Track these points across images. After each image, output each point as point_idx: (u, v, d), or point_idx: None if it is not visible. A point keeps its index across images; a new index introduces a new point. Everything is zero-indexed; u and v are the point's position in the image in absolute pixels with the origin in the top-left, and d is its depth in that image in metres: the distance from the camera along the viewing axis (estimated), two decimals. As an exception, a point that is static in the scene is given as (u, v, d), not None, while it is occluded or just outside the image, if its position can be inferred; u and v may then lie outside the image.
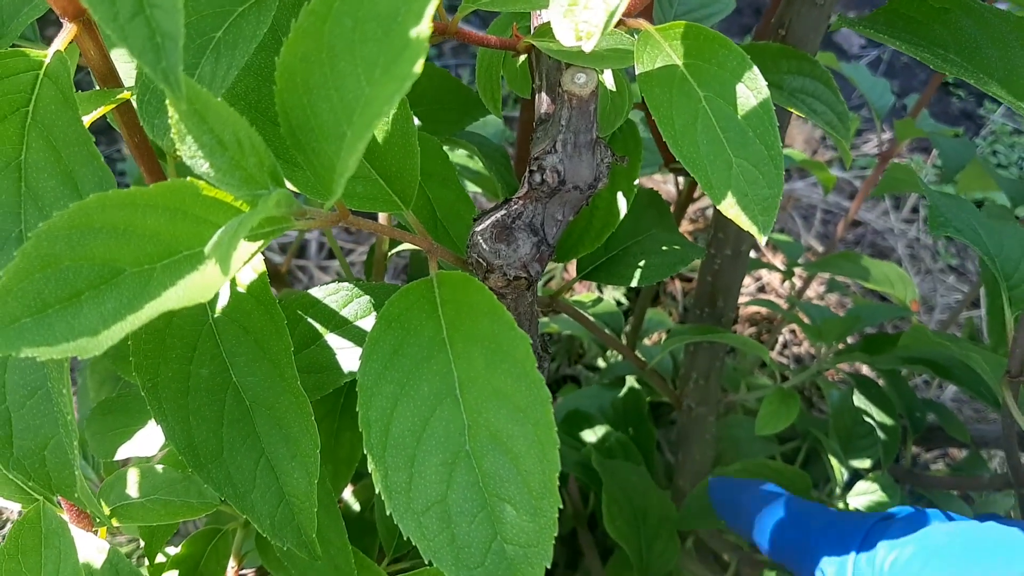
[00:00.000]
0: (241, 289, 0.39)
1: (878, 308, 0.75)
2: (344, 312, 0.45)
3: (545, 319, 1.03)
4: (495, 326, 0.34)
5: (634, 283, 0.54)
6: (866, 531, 0.48)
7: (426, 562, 0.32)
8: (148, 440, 0.47)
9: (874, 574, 0.45)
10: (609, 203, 0.51)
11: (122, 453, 0.47)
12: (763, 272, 1.32)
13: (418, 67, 0.26)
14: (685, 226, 1.35)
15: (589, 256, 0.55)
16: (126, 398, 0.48)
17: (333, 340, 0.44)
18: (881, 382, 0.81)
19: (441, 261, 0.41)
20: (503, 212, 0.41)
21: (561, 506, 0.31)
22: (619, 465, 0.72)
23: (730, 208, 0.35)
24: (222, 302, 0.40)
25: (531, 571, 0.32)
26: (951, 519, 0.49)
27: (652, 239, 0.56)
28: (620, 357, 1.08)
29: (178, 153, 0.28)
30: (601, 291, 1.25)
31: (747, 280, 1.33)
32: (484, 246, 0.40)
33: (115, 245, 0.29)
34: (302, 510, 0.38)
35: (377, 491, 0.32)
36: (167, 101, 0.27)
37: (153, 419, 0.38)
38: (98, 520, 0.40)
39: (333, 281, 0.45)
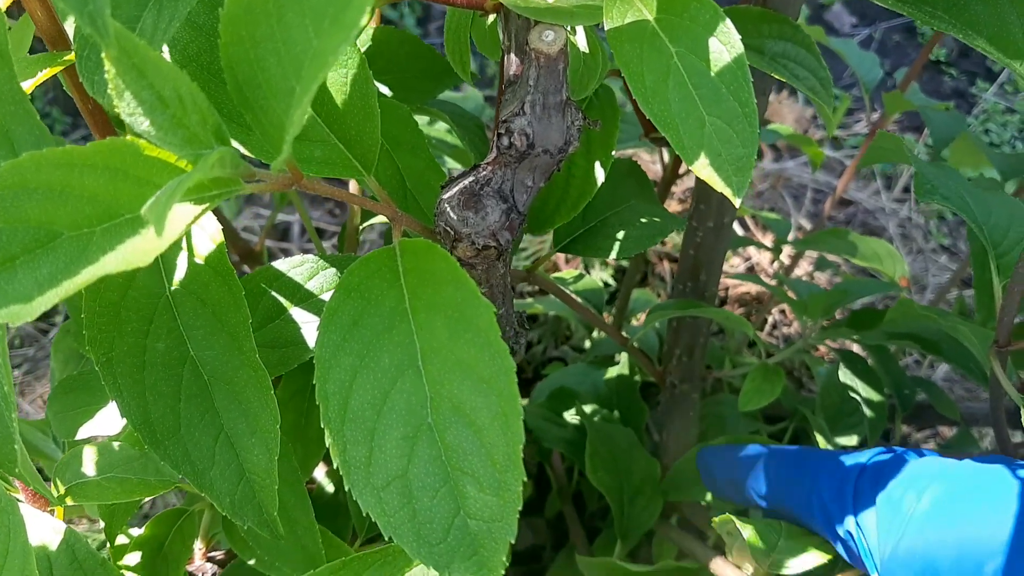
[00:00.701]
0: (199, 260, 0.38)
1: (865, 283, 0.74)
2: (309, 285, 0.43)
3: (530, 300, 1.02)
4: (458, 294, 0.32)
5: (613, 255, 0.53)
6: (860, 468, 0.47)
7: (386, 539, 0.31)
8: (110, 419, 0.45)
9: (878, 499, 0.45)
10: (586, 172, 0.50)
11: (84, 432, 0.45)
12: (753, 253, 1.31)
13: (366, 16, 0.24)
14: (673, 206, 1.33)
15: (566, 228, 0.54)
16: (87, 376, 0.46)
17: (298, 314, 0.43)
18: (870, 360, 0.80)
19: (407, 230, 0.39)
20: (471, 179, 0.39)
21: (525, 478, 0.30)
22: (605, 425, 0.72)
23: (703, 169, 0.33)
24: (179, 274, 0.38)
25: (495, 547, 0.30)
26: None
27: (631, 210, 0.55)
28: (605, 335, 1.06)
29: (116, 110, 0.27)
30: (588, 271, 1.23)
31: (736, 260, 1.32)
32: (451, 214, 0.39)
33: (52, 207, 0.27)
34: (263, 487, 0.37)
35: (335, 466, 0.31)
36: (103, 54, 0.26)
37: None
38: (55, 498, 0.39)
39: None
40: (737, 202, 0.33)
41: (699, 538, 0.72)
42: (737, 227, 1.37)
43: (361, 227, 0.54)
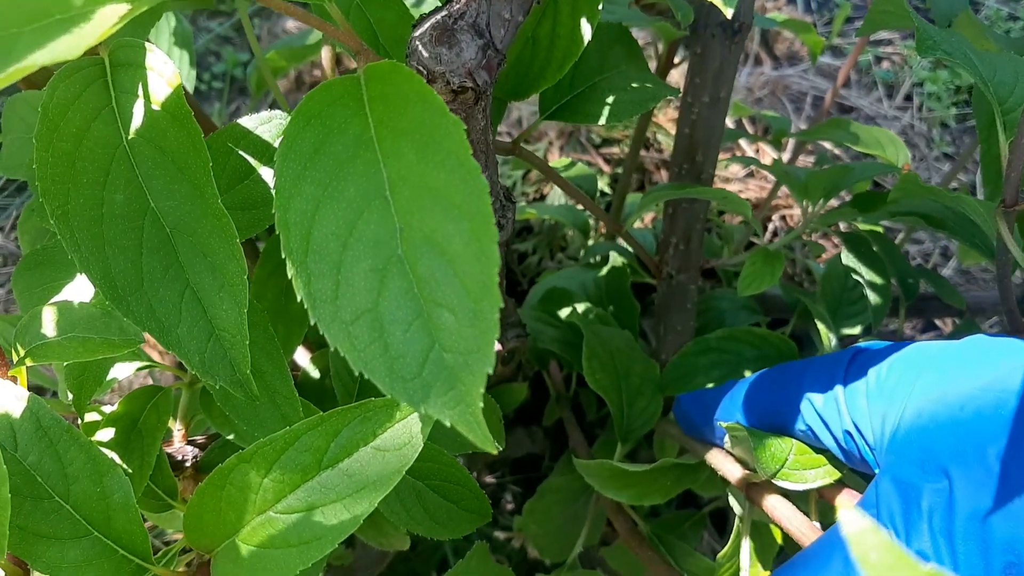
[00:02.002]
0: (156, 107, 0.36)
1: (869, 165, 0.71)
2: (279, 144, 0.41)
3: (523, 204, 0.99)
4: (425, 113, 0.30)
5: (602, 121, 0.50)
6: (848, 360, 0.44)
7: (356, 374, 0.29)
8: (76, 293, 0.43)
9: (869, 390, 0.42)
10: (571, 31, 0.47)
11: (51, 308, 0.43)
12: (754, 157, 1.28)
13: None
14: (670, 114, 1.30)
15: (553, 94, 0.52)
16: (52, 250, 0.44)
17: (268, 174, 0.41)
18: (874, 248, 0.78)
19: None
20: (444, 13, 0.36)
21: (502, 305, 0.28)
22: (602, 328, 0.69)
23: (690, -23, 0.31)
24: (136, 123, 0.36)
25: (473, 379, 0.28)
26: None
27: (621, 75, 0.52)
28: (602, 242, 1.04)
29: None
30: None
31: (736, 168, 1.29)
32: (423, 52, 0.36)
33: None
34: (234, 344, 0.35)
35: (299, 299, 0.29)
36: None
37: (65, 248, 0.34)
38: (16, 361, 0.37)
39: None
40: (728, 12, 0.31)
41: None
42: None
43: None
